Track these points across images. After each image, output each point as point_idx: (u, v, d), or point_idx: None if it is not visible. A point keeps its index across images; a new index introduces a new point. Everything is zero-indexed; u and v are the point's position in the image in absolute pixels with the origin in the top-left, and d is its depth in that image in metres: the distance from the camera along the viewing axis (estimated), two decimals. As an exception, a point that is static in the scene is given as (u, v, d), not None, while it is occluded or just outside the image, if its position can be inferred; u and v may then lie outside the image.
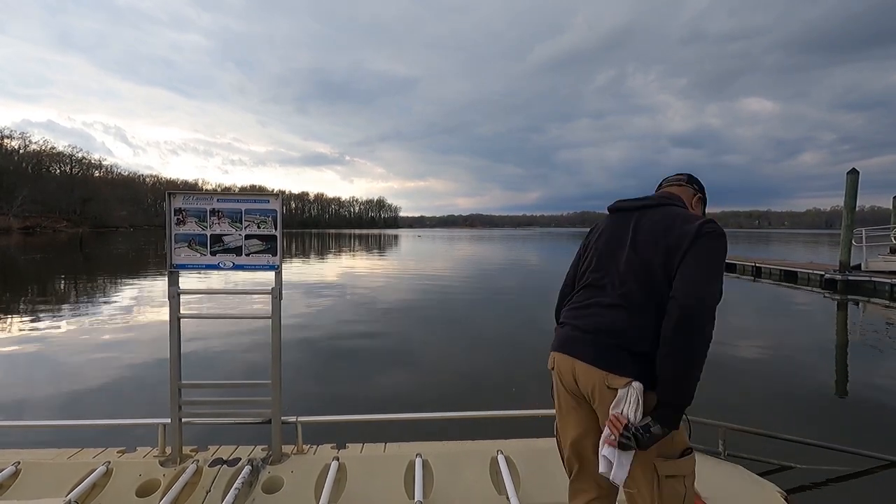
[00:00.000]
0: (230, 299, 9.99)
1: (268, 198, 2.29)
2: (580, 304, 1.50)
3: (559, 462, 2.14)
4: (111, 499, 2.08)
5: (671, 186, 1.64)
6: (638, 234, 1.43)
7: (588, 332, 1.40)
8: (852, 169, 12.76)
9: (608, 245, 1.51)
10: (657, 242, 1.37)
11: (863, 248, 13.69)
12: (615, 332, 1.35)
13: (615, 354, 1.33)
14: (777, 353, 6.35)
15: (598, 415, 1.39)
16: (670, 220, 1.41)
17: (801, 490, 2.79)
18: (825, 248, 33.41)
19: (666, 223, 1.40)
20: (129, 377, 5.04)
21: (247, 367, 5.37)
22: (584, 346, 1.39)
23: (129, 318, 8.20)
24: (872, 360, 6.14)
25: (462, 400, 4.34)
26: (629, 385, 1.28)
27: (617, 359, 1.32)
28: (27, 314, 8.56)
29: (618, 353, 1.32)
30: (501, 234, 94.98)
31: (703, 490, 2.18)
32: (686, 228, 1.35)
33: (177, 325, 2.26)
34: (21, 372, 5.24)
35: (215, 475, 2.20)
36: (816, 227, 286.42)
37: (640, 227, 1.45)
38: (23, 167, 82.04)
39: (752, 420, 3.28)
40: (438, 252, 31.32)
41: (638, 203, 1.53)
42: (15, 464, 2.20)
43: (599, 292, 1.45)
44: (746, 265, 16.88)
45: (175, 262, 2.23)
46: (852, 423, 4.04)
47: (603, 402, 1.34)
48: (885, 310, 9.89)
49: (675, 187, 1.63)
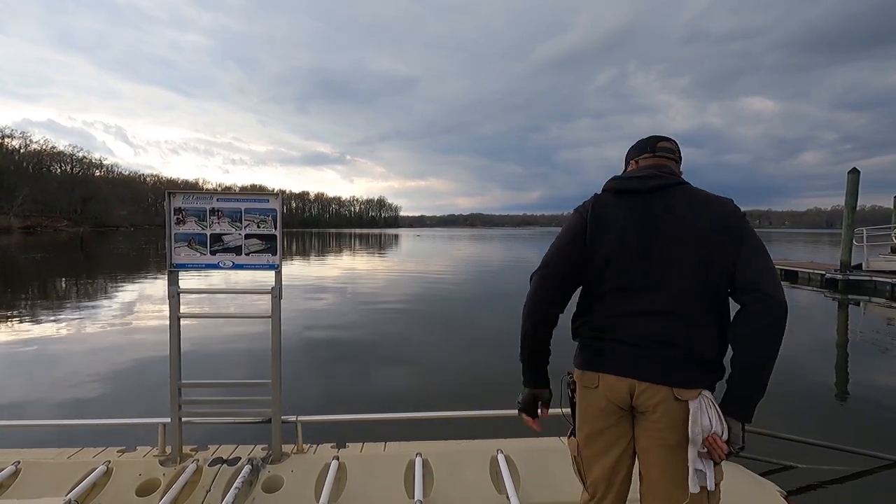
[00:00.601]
0: (230, 299, 9.99)
1: (267, 197, 2.29)
2: (621, 312, 1.29)
3: (559, 462, 2.13)
4: (111, 498, 2.08)
5: (666, 159, 1.40)
6: (674, 223, 1.24)
7: (646, 348, 1.24)
8: (853, 168, 12.77)
9: (640, 239, 1.26)
10: (701, 232, 1.21)
11: (864, 247, 13.68)
12: (680, 343, 1.21)
13: (684, 368, 1.21)
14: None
15: (646, 428, 1.28)
16: (701, 203, 1.26)
17: (802, 490, 2.79)
18: (826, 248, 33.38)
19: (698, 208, 1.25)
20: (128, 377, 5.04)
21: (247, 366, 5.38)
22: (646, 363, 1.24)
23: (129, 318, 8.20)
24: (873, 360, 6.13)
25: (462, 399, 4.34)
26: (700, 396, 1.20)
27: (686, 372, 1.21)
28: (28, 314, 8.56)
29: (686, 366, 1.21)
30: (502, 234, 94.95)
31: (703, 490, 2.17)
32: (723, 213, 1.23)
33: (177, 325, 2.25)
34: (21, 372, 5.25)
35: (215, 474, 2.20)
36: (817, 227, 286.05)
37: (670, 214, 1.25)
38: (23, 167, 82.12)
39: (752, 419, 3.28)
40: (438, 251, 31.31)
41: (653, 183, 1.30)
42: (15, 463, 2.20)
43: (642, 296, 1.26)
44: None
45: (175, 261, 2.23)
46: (853, 422, 4.04)
47: (667, 414, 1.22)
48: (885, 309, 9.88)
49: (670, 161, 1.41)
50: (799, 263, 15.75)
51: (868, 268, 12.98)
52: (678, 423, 1.21)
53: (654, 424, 1.25)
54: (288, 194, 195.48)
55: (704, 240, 1.21)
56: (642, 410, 1.27)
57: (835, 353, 6.54)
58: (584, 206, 1.38)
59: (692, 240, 1.22)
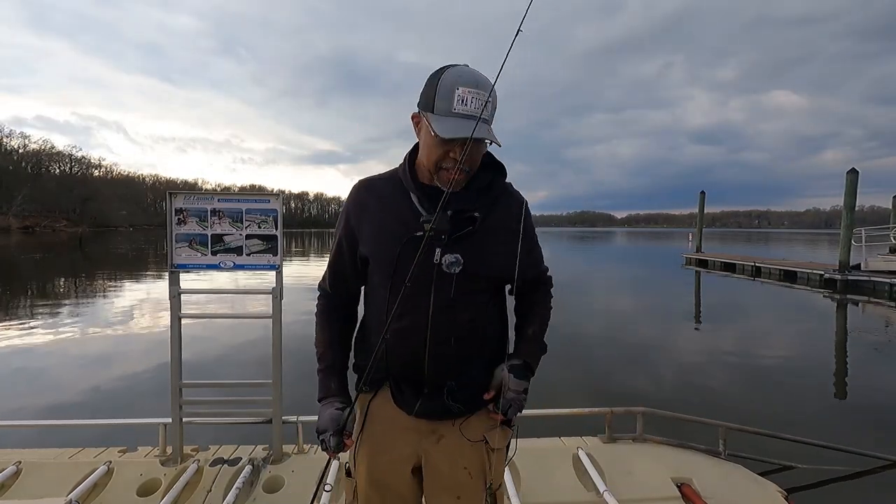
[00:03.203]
0: (231, 299, 9.99)
1: (268, 197, 2.29)
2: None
3: (560, 462, 2.14)
4: (112, 498, 2.08)
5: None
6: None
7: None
8: (852, 169, 12.79)
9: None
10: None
11: (862, 247, 13.71)
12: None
13: None
14: (777, 352, 6.36)
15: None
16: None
17: (802, 490, 2.79)
18: (825, 248, 33.41)
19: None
20: (128, 377, 5.04)
21: (247, 366, 5.37)
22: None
23: (129, 318, 8.20)
24: (872, 360, 6.15)
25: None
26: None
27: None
28: (27, 315, 8.56)
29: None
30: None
31: (703, 489, 2.18)
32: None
33: (178, 325, 2.26)
34: (21, 371, 5.24)
35: (216, 475, 2.20)
36: (816, 227, 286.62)
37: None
38: (22, 166, 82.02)
39: (752, 420, 3.29)
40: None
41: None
42: (16, 463, 2.20)
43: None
44: (746, 265, 16.88)
45: (176, 261, 2.23)
46: (853, 422, 4.05)
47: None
48: (884, 309, 9.89)
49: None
50: (798, 263, 15.75)
51: (867, 268, 13.00)
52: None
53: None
54: (287, 194, 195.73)
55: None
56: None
57: (834, 352, 6.55)
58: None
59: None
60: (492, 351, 1.16)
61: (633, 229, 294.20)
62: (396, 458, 1.11)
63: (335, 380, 1.16)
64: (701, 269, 18.48)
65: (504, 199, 1.12)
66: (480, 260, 1.06)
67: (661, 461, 2.36)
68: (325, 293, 1.24)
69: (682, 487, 2.20)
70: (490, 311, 1.14)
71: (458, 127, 0.95)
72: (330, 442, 1.04)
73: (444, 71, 0.99)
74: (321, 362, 1.18)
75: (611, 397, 4.31)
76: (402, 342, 1.06)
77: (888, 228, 14.36)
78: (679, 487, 2.20)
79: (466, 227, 1.05)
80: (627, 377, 5.20)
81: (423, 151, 1.05)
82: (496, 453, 1.13)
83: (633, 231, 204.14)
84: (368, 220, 1.10)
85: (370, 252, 1.09)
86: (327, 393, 1.14)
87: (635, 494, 2.14)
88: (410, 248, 1.01)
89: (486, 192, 1.09)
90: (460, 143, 0.97)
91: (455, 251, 1.03)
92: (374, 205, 1.10)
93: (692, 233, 24.02)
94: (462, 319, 1.07)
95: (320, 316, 1.23)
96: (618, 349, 6.46)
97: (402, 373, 1.09)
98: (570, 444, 2.50)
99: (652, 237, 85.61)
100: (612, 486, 2.10)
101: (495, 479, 1.13)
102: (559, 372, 5.26)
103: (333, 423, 1.06)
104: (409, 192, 1.08)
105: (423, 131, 1.03)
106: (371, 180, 1.15)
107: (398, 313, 1.00)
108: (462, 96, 0.96)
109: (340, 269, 1.18)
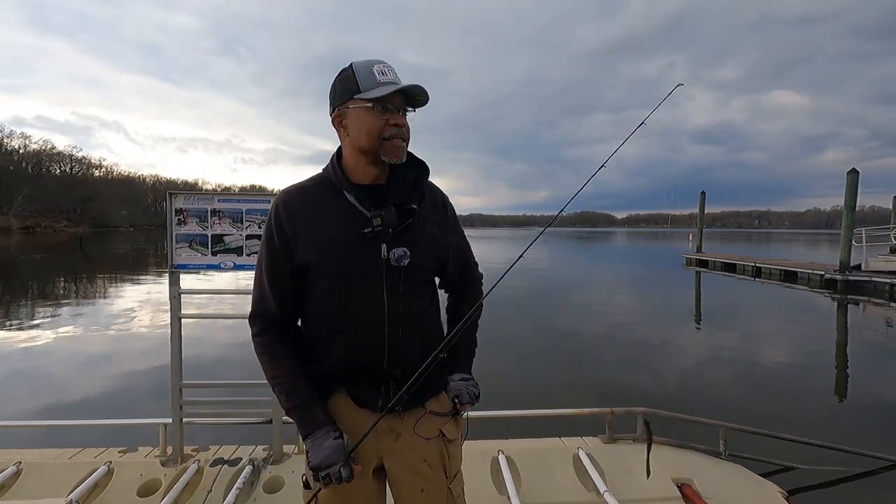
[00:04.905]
0: (231, 299, 9.98)
1: (268, 198, 2.30)
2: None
3: (560, 462, 2.14)
4: (113, 499, 2.08)
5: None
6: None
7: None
8: (852, 169, 12.78)
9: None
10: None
11: (863, 247, 13.70)
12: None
13: None
14: (777, 352, 6.35)
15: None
16: None
17: (803, 490, 2.78)
18: (825, 248, 33.39)
19: None
20: (128, 377, 5.04)
21: (247, 366, 5.37)
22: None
23: (129, 318, 8.20)
24: (873, 360, 6.14)
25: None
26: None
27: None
28: (28, 315, 8.56)
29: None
30: (502, 235, 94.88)
31: (703, 490, 2.18)
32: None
33: (178, 326, 2.26)
34: (21, 371, 5.24)
35: (216, 475, 2.20)
36: (817, 227, 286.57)
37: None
38: (22, 167, 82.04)
39: (753, 420, 3.28)
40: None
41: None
42: (16, 464, 2.20)
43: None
44: (746, 265, 16.88)
45: (176, 262, 2.23)
46: (853, 422, 4.05)
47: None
48: (885, 310, 9.89)
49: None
50: (798, 264, 15.75)
51: (867, 268, 12.99)
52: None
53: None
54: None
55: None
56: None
57: (834, 353, 6.55)
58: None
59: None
60: (437, 338, 1.19)
61: (634, 229, 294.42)
62: (359, 465, 1.06)
63: (318, 409, 1.06)
64: (701, 269, 18.49)
65: (429, 193, 1.17)
66: (423, 251, 1.10)
67: (661, 461, 2.35)
68: (263, 324, 1.11)
69: (683, 488, 2.20)
70: (433, 299, 1.20)
71: (391, 87, 1.00)
72: (342, 474, 0.97)
73: (350, 65, 1.04)
74: (291, 397, 1.06)
75: (611, 397, 4.30)
76: (360, 341, 1.06)
77: (889, 228, 14.35)
78: (679, 488, 2.20)
79: (408, 219, 1.07)
80: (628, 377, 5.20)
81: (359, 138, 1.04)
82: (453, 443, 1.17)
83: (633, 231, 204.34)
84: (305, 227, 1.06)
85: (312, 258, 1.04)
86: (316, 425, 1.04)
87: (636, 495, 2.14)
88: (359, 247, 1.03)
89: (416, 186, 1.12)
90: (399, 111, 1.02)
91: (402, 244, 1.06)
92: (308, 210, 1.07)
93: (692, 233, 24.00)
94: (413, 310, 1.10)
95: (268, 350, 1.09)
96: (618, 349, 6.46)
97: (361, 372, 1.09)
98: (571, 444, 2.49)
99: (652, 237, 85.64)
100: (613, 487, 2.10)
101: (453, 467, 1.17)
102: (559, 372, 5.26)
103: (340, 453, 0.99)
104: (342, 193, 1.07)
105: (352, 118, 1.03)
106: (298, 187, 1.12)
107: (353, 313, 1.02)
108: (381, 69, 1.02)
109: (278, 285, 1.08)
